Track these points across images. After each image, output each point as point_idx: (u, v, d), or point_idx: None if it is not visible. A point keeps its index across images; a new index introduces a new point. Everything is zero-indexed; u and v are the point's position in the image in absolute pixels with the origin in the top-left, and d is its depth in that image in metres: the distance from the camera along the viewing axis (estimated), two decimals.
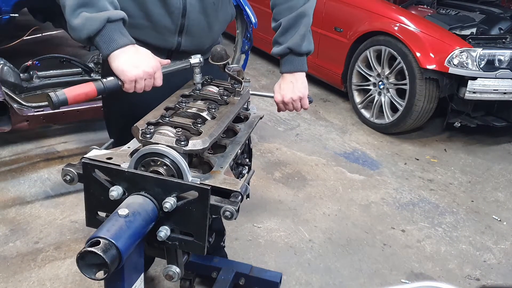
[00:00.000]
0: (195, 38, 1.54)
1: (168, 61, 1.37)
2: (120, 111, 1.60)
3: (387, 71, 3.84)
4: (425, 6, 4.46)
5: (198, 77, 1.43)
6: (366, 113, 4.07)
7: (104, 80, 1.23)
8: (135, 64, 1.22)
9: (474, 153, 3.76)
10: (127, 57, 1.22)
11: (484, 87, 3.49)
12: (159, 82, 1.28)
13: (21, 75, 3.00)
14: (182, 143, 1.09)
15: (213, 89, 1.46)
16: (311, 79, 4.82)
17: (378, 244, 2.61)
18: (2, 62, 2.84)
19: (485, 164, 3.62)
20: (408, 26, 3.70)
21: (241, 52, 3.71)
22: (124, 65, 1.21)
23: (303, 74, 1.61)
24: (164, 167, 1.09)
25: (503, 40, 3.71)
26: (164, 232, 1.06)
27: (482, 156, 3.73)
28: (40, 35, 3.97)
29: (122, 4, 1.39)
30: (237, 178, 1.19)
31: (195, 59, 1.41)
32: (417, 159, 3.59)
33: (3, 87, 2.65)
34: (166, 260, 1.20)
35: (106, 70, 1.29)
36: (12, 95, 2.72)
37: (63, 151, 3.19)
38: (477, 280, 2.41)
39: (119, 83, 1.22)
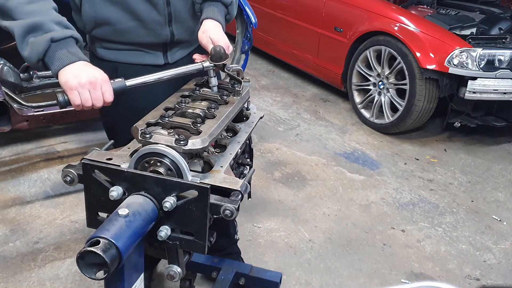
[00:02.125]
0: (185, 24, 1.56)
1: (121, 79, 1.31)
2: (119, 115, 1.59)
3: (387, 71, 3.84)
4: (425, 6, 4.46)
5: (213, 80, 1.44)
6: (366, 113, 4.07)
7: (112, 81, 1.24)
8: (77, 75, 1.21)
9: (474, 153, 3.76)
10: (72, 70, 1.22)
11: (484, 87, 3.49)
12: (107, 96, 1.24)
13: (21, 75, 3.00)
14: (182, 142, 1.09)
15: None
16: (311, 79, 4.83)
17: (378, 244, 2.61)
18: (2, 62, 2.84)
19: (485, 164, 3.62)
20: (408, 26, 3.70)
21: (241, 52, 3.71)
22: (67, 76, 1.21)
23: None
24: (164, 167, 1.09)
25: (503, 40, 3.71)
26: (164, 231, 1.07)
27: (482, 156, 3.73)
28: None
29: (105, 14, 1.44)
30: (239, 177, 1.19)
31: (207, 62, 1.40)
32: (417, 159, 3.59)
33: (3, 87, 2.65)
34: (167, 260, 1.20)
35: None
36: (12, 95, 2.71)
37: (63, 151, 3.19)
38: (477, 280, 2.41)
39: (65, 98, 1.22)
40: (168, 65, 1.59)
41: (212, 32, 1.45)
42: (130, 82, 1.30)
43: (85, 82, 1.21)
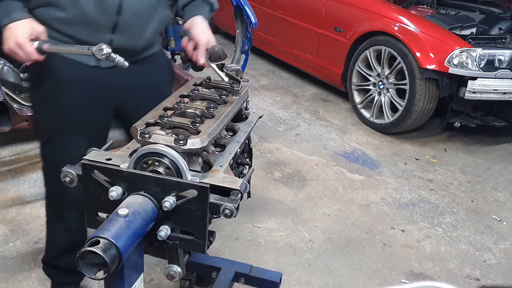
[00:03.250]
0: (128, 37, 1.53)
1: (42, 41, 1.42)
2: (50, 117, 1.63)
3: (387, 71, 3.84)
4: (425, 6, 4.46)
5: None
6: (366, 113, 4.07)
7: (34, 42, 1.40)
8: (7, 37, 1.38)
9: (474, 153, 3.76)
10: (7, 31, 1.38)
11: (484, 87, 3.49)
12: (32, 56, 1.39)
13: (21, 75, 2.99)
14: (181, 142, 1.10)
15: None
16: (311, 79, 4.83)
17: (378, 244, 2.61)
18: (2, 62, 2.84)
19: (485, 164, 3.62)
20: (408, 26, 3.70)
21: (241, 52, 3.71)
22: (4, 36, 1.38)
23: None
24: (163, 167, 1.09)
25: (503, 40, 3.71)
26: (164, 231, 1.07)
27: (482, 156, 3.73)
28: None
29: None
30: (238, 177, 1.19)
31: (103, 49, 1.35)
32: (417, 159, 3.59)
33: (3, 87, 2.65)
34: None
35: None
36: (12, 95, 2.72)
37: None
38: (477, 280, 2.41)
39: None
40: (99, 69, 1.55)
41: (195, 30, 1.54)
42: (49, 46, 1.40)
43: (11, 47, 1.38)
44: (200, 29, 1.57)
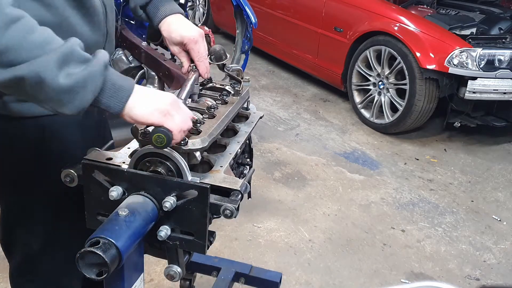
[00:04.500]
0: (111, 40, 1.28)
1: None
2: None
3: (387, 71, 3.84)
4: (425, 6, 4.46)
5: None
6: (366, 113, 4.07)
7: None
8: (152, 98, 0.98)
9: (474, 153, 3.76)
10: (142, 96, 0.96)
11: (484, 87, 3.49)
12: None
13: None
14: (181, 142, 1.09)
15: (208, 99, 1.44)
16: (311, 79, 4.83)
17: (378, 244, 2.61)
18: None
19: (485, 164, 3.62)
20: (408, 26, 3.70)
21: (241, 52, 3.70)
22: (143, 103, 0.96)
23: None
24: (164, 167, 1.09)
25: (503, 40, 3.71)
26: (164, 231, 1.07)
27: (482, 156, 3.73)
28: None
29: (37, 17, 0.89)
30: (239, 177, 1.19)
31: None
32: (417, 159, 3.59)
33: None
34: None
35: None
36: None
37: None
38: (477, 280, 2.41)
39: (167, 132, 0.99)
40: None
41: (182, 30, 1.25)
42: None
43: (170, 101, 0.99)
44: (190, 35, 1.26)
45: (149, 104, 0.96)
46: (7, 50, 0.78)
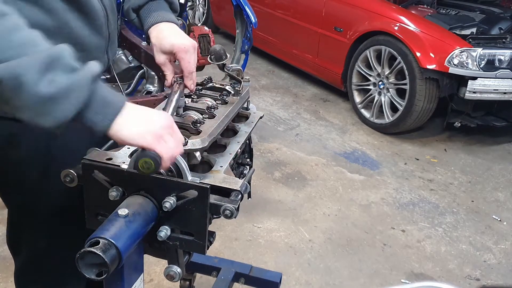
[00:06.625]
0: (114, 42, 1.24)
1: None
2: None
3: (387, 71, 3.84)
4: (425, 6, 4.46)
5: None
6: (366, 113, 4.07)
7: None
8: (146, 119, 0.92)
9: (474, 153, 3.76)
10: (134, 116, 0.90)
11: (484, 87, 3.49)
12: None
13: None
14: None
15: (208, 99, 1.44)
16: (311, 79, 4.83)
17: (378, 244, 2.60)
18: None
19: (485, 164, 3.62)
20: (408, 26, 3.70)
21: (241, 52, 3.70)
22: (134, 123, 0.90)
23: None
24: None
25: (503, 40, 3.71)
26: (164, 232, 1.06)
27: (482, 156, 3.73)
28: None
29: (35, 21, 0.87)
30: (239, 177, 1.19)
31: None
32: (417, 159, 3.59)
33: None
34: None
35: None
36: None
37: None
38: (477, 280, 2.41)
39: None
40: None
41: (174, 38, 1.19)
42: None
43: (165, 124, 0.93)
44: (182, 43, 1.19)
45: (141, 125, 0.90)
46: None
